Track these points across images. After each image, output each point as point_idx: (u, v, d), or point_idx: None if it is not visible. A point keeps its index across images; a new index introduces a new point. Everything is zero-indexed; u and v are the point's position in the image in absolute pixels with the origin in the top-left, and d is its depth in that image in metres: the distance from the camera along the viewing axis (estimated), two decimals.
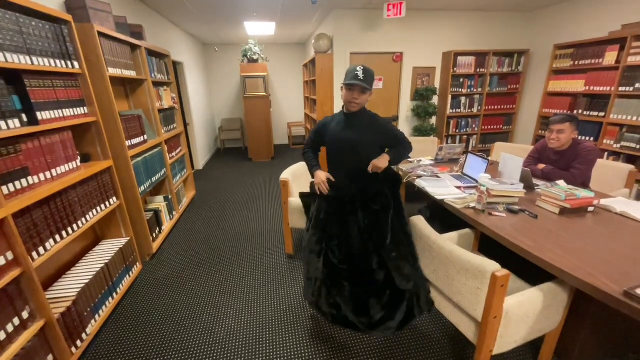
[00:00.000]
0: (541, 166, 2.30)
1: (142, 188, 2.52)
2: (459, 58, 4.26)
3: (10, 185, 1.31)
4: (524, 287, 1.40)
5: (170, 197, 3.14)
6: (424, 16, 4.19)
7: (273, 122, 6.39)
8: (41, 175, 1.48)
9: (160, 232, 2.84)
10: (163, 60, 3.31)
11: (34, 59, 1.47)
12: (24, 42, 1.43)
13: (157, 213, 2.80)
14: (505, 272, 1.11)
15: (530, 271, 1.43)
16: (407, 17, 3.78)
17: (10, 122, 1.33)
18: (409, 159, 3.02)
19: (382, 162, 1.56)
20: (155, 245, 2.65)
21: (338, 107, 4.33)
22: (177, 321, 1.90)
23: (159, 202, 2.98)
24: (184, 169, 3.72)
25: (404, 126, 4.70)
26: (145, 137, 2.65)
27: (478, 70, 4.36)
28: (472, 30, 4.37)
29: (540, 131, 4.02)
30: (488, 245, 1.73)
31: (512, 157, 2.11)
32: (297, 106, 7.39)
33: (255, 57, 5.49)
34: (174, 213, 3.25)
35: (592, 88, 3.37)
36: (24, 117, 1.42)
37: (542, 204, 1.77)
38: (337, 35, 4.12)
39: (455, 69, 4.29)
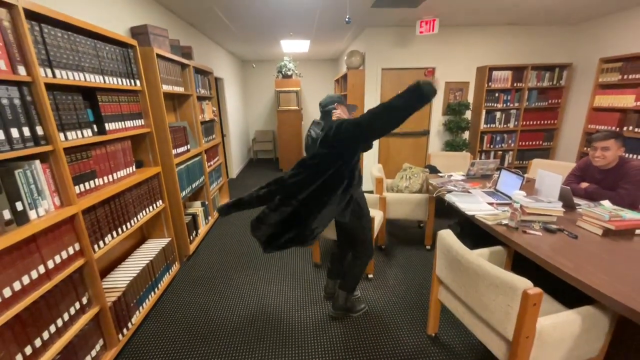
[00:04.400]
0: (584, 185, 2.19)
1: (184, 193, 2.73)
2: (494, 72, 4.17)
3: (82, 186, 1.52)
4: (561, 311, 1.34)
5: (206, 202, 3.36)
6: (457, 32, 4.19)
7: (304, 134, 6.58)
8: (105, 178, 1.70)
9: (196, 235, 3.04)
10: (207, 77, 3.61)
11: (106, 78, 1.72)
12: (99, 64, 1.68)
13: (194, 217, 3.00)
14: (537, 290, 1.09)
15: (570, 296, 1.36)
16: (440, 33, 3.80)
17: (84, 131, 1.56)
18: (440, 174, 2.98)
19: None
20: (192, 247, 2.84)
21: None
22: (211, 319, 2.02)
23: (196, 207, 3.20)
24: (219, 177, 3.96)
25: (435, 141, 4.64)
26: (189, 146, 2.89)
27: (515, 84, 4.22)
28: (508, 45, 4.28)
29: (585, 148, 3.78)
30: (522, 265, 1.66)
31: (549, 174, 2.03)
32: None
33: (289, 73, 5.77)
34: (209, 218, 3.46)
35: None
36: (95, 128, 1.65)
37: (584, 225, 1.69)
38: (369, 51, 4.24)
39: (490, 83, 4.20)
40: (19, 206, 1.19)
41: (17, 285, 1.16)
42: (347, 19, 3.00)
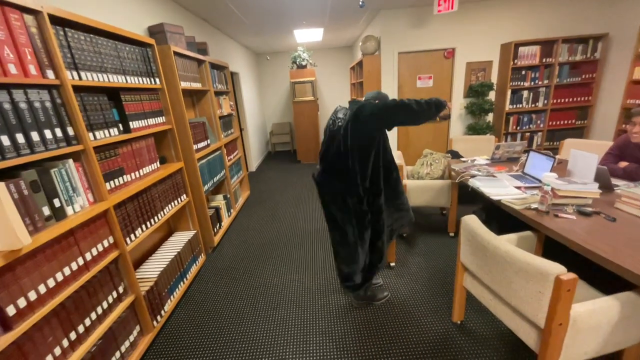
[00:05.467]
0: (623, 164, 2.03)
1: (206, 187, 2.81)
2: (521, 48, 3.92)
3: (112, 182, 1.60)
4: (598, 297, 1.27)
5: (228, 196, 3.44)
6: (478, 7, 3.96)
7: (320, 125, 6.55)
8: (132, 175, 1.78)
9: (220, 227, 3.13)
10: (223, 72, 3.64)
11: (128, 78, 1.77)
12: (121, 65, 1.73)
13: (217, 210, 3.09)
14: (571, 275, 1.03)
15: (609, 282, 1.29)
16: (460, 10, 3.62)
17: (111, 130, 1.63)
18: (462, 159, 2.88)
19: None
20: (216, 239, 2.93)
21: None
22: (236, 307, 2.10)
23: (219, 201, 3.29)
24: (240, 171, 4.04)
25: (457, 125, 4.47)
26: (209, 141, 2.96)
27: (544, 60, 3.95)
28: (536, 17, 3.99)
29: (623, 125, 3.50)
30: (555, 250, 1.59)
31: (584, 153, 1.91)
32: None
33: (303, 63, 5.71)
34: (232, 211, 3.55)
35: None
36: (121, 127, 1.72)
37: (622, 206, 1.57)
38: (384, 35, 4.10)
39: (515, 60, 3.95)
40: (56, 203, 1.27)
41: (59, 276, 1.25)
42: (360, 3, 2.91)
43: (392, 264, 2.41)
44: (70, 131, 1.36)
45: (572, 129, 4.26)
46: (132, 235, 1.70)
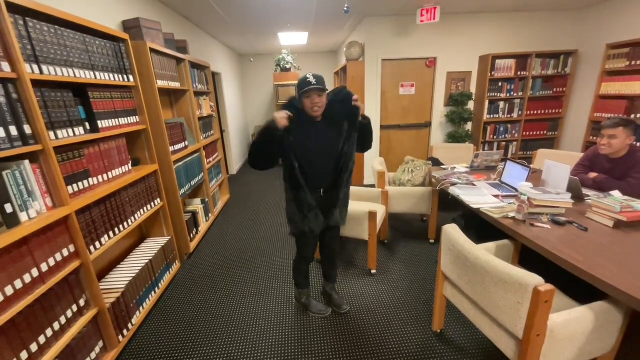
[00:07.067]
0: (592, 175, 2.13)
1: (182, 191, 2.69)
2: (498, 61, 4.07)
3: (75, 186, 1.48)
4: (572, 306, 1.30)
5: (206, 200, 3.32)
6: (459, 19, 4.08)
7: None
8: (99, 177, 1.65)
9: (197, 233, 3.00)
10: (203, 72, 3.53)
11: (97, 73, 1.66)
12: (89, 59, 1.62)
13: (194, 215, 2.97)
14: (549, 287, 1.04)
15: (581, 290, 1.32)
16: (442, 21, 3.70)
17: (76, 130, 1.51)
18: (443, 166, 2.93)
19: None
20: (192, 245, 2.81)
21: (369, 113, 4.32)
22: (212, 318, 1.99)
23: (196, 205, 3.16)
24: (219, 174, 3.91)
25: (437, 132, 4.56)
26: (186, 143, 2.84)
27: (519, 73, 4.12)
28: (512, 32, 4.17)
29: (591, 137, 3.70)
30: (530, 258, 1.62)
31: (557, 164, 1.97)
32: None
33: (288, 66, 5.67)
34: (210, 215, 3.42)
35: None
36: (87, 126, 1.60)
37: (593, 216, 1.63)
38: (368, 42, 4.14)
39: (493, 72, 4.10)
40: (8, 208, 1.15)
41: (9, 290, 1.12)
42: (345, 8, 2.91)
43: (373, 271, 2.39)
44: (28, 129, 1.24)
45: (544, 140, 4.46)
46: (97, 243, 1.58)
